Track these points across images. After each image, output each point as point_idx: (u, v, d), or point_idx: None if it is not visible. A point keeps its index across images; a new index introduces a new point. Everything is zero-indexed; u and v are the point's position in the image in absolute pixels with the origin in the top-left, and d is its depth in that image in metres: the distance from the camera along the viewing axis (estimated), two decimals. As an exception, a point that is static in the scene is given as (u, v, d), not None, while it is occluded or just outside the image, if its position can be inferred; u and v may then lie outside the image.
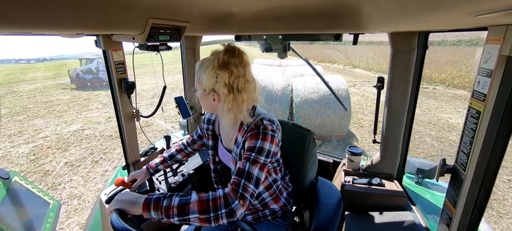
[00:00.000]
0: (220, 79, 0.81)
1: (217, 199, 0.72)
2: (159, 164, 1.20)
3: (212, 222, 0.71)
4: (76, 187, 3.73)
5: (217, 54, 0.84)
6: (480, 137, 0.72)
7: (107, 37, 1.19)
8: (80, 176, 4.04)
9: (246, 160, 0.79)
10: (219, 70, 0.81)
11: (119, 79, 1.31)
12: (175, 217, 0.70)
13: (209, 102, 0.89)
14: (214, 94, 0.85)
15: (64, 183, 3.83)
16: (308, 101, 4.62)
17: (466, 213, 0.79)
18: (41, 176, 4.05)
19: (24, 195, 0.78)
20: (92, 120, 6.93)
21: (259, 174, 0.78)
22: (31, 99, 10.36)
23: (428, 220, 1.19)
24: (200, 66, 0.87)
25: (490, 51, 0.68)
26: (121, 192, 0.99)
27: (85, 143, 5.29)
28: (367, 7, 0.76)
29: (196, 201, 0.71)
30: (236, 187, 0.75)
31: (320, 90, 4.71)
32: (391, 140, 1.35)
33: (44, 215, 0.80)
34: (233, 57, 0.82)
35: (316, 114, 4.59)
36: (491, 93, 0.67)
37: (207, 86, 0.84)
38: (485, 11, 0.45)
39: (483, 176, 0.73)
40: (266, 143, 0.81)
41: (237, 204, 0.72)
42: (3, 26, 0.51)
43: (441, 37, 23.71)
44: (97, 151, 4.90)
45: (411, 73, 1.21)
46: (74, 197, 3.45)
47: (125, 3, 0.72)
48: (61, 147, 5.14)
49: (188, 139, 1.23)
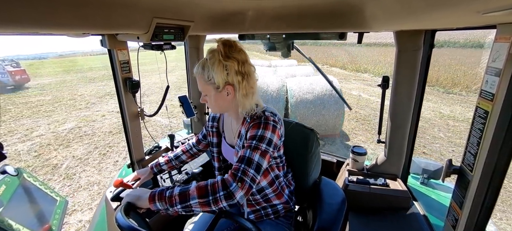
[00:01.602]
0: (230, 69, 0.83)
1: (215, 183, 0.75)
2: (164, 164, 1.21)
3: (211, 205, 0.74)
4: (92, 175, 3.87)
5: (214, 51, 0.85)
6: (487, 138, 0.70)
7: (113, 37, 1.21)
8: (92, 166, 4.16)
9: (247, 147, 0.81)
10: (226, 61, 0.82)
11: (124, 78, 1.32)
12: (178, 205, 0.74)
13: (223, 100, 0.89)
14: (228, 88, 0.86)
15: (79, 173, 3.95)
16: (304, 101, 4.65)
17: (473, 215, 0.77)
18: (52, 169, 4.12)
19: (33, 192, 0.80)
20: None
21: (260, 160, 0.79)
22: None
23: (433, 221, 1.18)
24: (203, 67, 0.87)
25: (499, 49, 0.66)
26: (135, 184, 1.01)
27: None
28: (372, 5, 0.75)
29: (195, 187, 0.75)
30: (235, 171, 0.77)
31: (314, 90, 4.75)
32: (396, 140, 1.34)
33: (51, 211, 0.82)
34: (231, 48, 0.85)
35: (312, 114, 4.63)
36: (499, 92, 0.66)
37: (220, 81, 0.84)
38: (493, 9, 0.44)
39: (491, 177, 0.71)
40: (267, 132, 0.83)
41: (235, 186, 0.74)
42: (10, 26, 0.52)
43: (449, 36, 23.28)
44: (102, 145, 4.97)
45: (417, 73, 1.19)
46: (93, 184, 3.62)
47: (130, 3, 0.73)
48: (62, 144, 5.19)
49: (193, 140, 1.24)
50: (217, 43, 0.86)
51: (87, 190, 3.47)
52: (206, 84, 0.88)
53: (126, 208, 0.76)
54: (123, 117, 1.42)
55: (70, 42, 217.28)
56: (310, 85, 4.82)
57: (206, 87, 0.88)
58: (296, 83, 4.96)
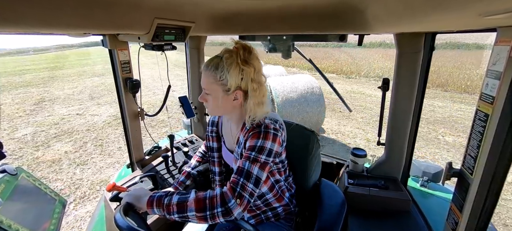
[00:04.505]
0: (245, 75, 0.81)
1: (214, 197, 0.73)
2: (187, 181, 1.20)
3: (208, 220, 0.72)
4: (103, 159, 4.00)
5: (232, 52, 0.82)
6: (488, 141, 0.70)
7: (114, 37, 1.21)
8: (99, 153, 4.23)
9: (246, 159, 0.78)
10: (243, 65, 0.80)
11: (124, 78, 1.32)
12: (175, 214, 0.73)
13: (228, 103, 0.85)
14: (237, 92, 0.83)
15: (88, 161, 4.00)
16: (289, 100, 4.71)
17: (473, 218, 0.77)
18: (58, 160, 4.05)
19: (32, 191, 0.80)
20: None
21: (259, 173, 0.77)
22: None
23: (433, 225, 1.17)
24: (217, 67, 0.81)
25: (499, 52, 0.66)
26: (131, 187, 1.00)
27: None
28: (373, 7, 0.75)
29: (193, 199, 0.73)
30: (234, 186, 0.74)
31: (297, 88, 4.82)
32: (396, 142, 1.34)
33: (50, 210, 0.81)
34: (250, 54, 0.83)
35: (297, 113, 4.70)
36: (499, 95, 0.66)
37: (233, 84, 0.81)
38: (494, 12, 0.44)
39: (491, 180, 0.71)
40: (267, 142, 0.80)
41: (234, 203, 0.72)
42: (12, 25, 0.52)
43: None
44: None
45: (417, 75, 1.19)
46: (109, 166, 3.78)
47: (131, 3, 0.73)
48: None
49: (203, 148, 1.26)
50: (235, 45, 0.83)
51: (112, 167, 3.60)
52: (215, 83, 0.82)
53: (125, 208, 0.76)
54: (123, 117, 1.42)
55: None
56: (293, 84, 4.88)
57: (214, 87, 0.83)
58: (278, 83, 4.98)
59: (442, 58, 14.44)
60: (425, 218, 1.22)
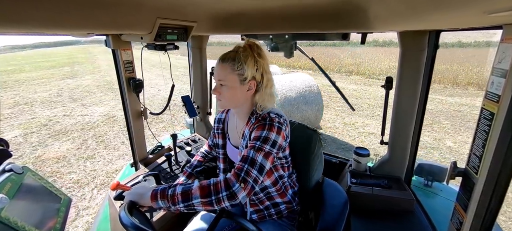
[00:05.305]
0: (260, 66, 0.89)
1: (218, 183, 0.75)
2: (187, 180, 1.21)
3: (214, 205, 0.74)
4: (110, 152, 4.09)
5: (245, 47, 0.89)
6: (493, 140, 0.69)
7: (117, 37, 1.22)
8: (103, 148, 4.29)
9: (251, 148, 0.81)
10: (258, 58, 0.88)
11: (127, 78, 1.33)
12: (181, 204, 0.74)
13: (242, 93, 0.89)
14: (251, 83, 0.89)
15: (95, 155, 4.07)
16: (288, 99, 4.73)
17: (478, 218, 0.76)
18: (63, 156, 4.07)
19: (37, 190, 0.81)
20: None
21: (263, 161, 0.79)
22: None
23: (437, 224, 1.16)
24: (234, 59, 0.86)
25: (505, 50, 0.65)
26: (134, 186, 1.01)
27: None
28: (375, 6, 0.75)
29: (198, 187, 0.75)
30: (239, 171, 0.77)
31: (295, 87, 4.85)
32: (399, 142, 1.33)
33: (56, 209, 0.82)
34: (260, 51, 0.91)
35: (297, 111, 4.73)
36: (505, 94, 0.65)
37: (249, 74, 0.87)
38: (500, 9, 0.44)
39: (496, 179, 0.70)
40: (272, 133, 0.83)
41: (238, 186, 0.74)
42: (17, 26, 0.53)
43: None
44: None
45: (421, 74, 1.18)
46: (119, 158, 3.90)
47: (134, 4, 0.73)
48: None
49: (206, 147, 1.26)
50: (246, 42, 0.91)
51: (123, 158, 3.67)
52: (232, 73, 0.86)
53: (129, 206, 0.76)
54: (126, 116, 1.43)
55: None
56: (291, 82, 4.89)
57: (231, 77, 0.87)
58: (277, 81, 5.01)
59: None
60: (429, 218, 1.21)
